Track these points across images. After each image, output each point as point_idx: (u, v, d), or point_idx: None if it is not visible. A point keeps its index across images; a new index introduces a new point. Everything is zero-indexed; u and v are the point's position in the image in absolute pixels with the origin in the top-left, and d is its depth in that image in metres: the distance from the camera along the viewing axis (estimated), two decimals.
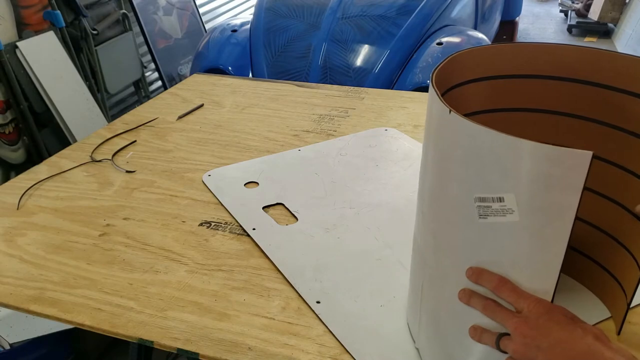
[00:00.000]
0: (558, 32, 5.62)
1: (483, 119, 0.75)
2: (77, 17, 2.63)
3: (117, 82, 2.92)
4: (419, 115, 1.41)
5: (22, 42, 2.33)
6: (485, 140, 0.53)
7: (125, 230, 0.97)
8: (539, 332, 0.53)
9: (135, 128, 1.38)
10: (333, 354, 0.71)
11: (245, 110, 1.48)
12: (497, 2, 3.72)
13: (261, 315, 0.77)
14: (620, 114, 0.70)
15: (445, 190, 0.59)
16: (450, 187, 0.58)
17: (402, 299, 0.79)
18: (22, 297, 0.82)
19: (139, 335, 0.75)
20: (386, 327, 0.74)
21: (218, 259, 0.89)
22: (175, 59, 3.24)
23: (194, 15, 3.51)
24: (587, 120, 0.74)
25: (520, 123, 0.77)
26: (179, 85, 1.68)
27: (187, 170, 1.17)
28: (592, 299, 0.78)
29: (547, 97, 0.75)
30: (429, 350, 0.68)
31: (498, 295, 0.57)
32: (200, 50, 2.70)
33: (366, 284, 0.82)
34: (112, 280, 0.85)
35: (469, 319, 0.60)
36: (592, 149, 0.49)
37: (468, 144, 0.55)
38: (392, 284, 0.82)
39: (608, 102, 0.71)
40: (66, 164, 1.21)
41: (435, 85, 0.61)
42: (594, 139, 0.73)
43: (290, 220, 0.99)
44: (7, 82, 2.26)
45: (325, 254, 0.90)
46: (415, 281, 0.70)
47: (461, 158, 0.56)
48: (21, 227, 1.00)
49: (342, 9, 2.56)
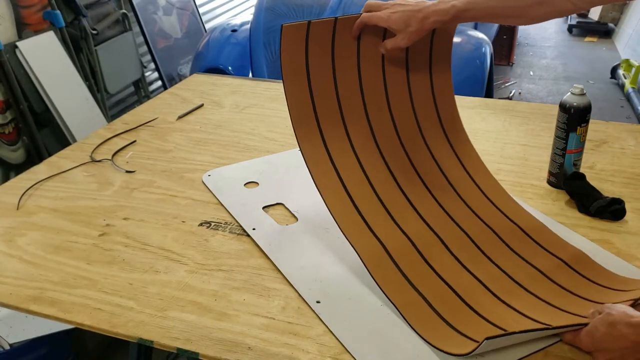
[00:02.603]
0: (558, 32, 5.62)
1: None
2: (77, 17, 2.63)
3: (117, 82, 2.92)
4: None
5: (22, 42, 2.33)
6: None
7: (125, 230, 0.97)
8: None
9: (135, 128, 1.38)
10: (333, 353, 0.71)
11: (245, 110, 1.48)
12: None
13: (261, 315, 0.77)
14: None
15: None
16: None
17: None
18: (22, 297, 0.82)
19: (138, 335, 0.74)
20: (386, 327, 0.74)
21: (218, 259, 0.89)
22: (175, 59, 3.24)
23: (193, 15, 3.51)
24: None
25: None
26: (179, 85, 1.68)
27: (187, 170, 1.17)
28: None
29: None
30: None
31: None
32: (200, 50, 2.70)
33: (366, 284, 0.82)
34: (111, 280, 0.85)
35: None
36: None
37: None
38: None
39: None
40: (66, 164, 1.21)
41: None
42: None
43: (290, 220, 0.99)
44: (7, 82, 2.26)
45: (325, 254, 0.89)
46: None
47: None
48: (21, 227, 0.99)
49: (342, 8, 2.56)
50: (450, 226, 0.91)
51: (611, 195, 0.98)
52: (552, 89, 4.11)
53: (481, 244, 0.88)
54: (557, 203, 1.02)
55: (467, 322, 0.74)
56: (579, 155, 1.04)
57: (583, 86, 1.01)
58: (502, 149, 1.23)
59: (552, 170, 1.07)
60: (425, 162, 0.98)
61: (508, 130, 1.32)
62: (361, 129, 0.95)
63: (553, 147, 1.05)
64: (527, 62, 4.73)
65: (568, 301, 0.78)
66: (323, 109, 0.93)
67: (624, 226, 0.95)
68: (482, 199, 0.97)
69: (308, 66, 0.91)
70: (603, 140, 1.25)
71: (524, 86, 4.17)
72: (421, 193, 0.94)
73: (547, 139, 1.20)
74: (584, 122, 1.01)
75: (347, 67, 0.94)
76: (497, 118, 1.38)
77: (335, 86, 0.94)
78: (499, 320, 0.74)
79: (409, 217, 0.90)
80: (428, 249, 0.86)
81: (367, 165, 0.93)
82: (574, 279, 0.82)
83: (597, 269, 0.84)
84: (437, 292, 0.79)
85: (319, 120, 0.92)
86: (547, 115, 1.37)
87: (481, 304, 0.77)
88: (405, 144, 0.98)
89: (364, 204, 0.88)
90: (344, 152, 0.92)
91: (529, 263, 0.85)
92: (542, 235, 0.91)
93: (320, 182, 0.88)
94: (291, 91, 0.91)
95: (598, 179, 1.08)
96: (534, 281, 0.82)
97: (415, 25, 0.88)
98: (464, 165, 1.00)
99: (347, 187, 0.89)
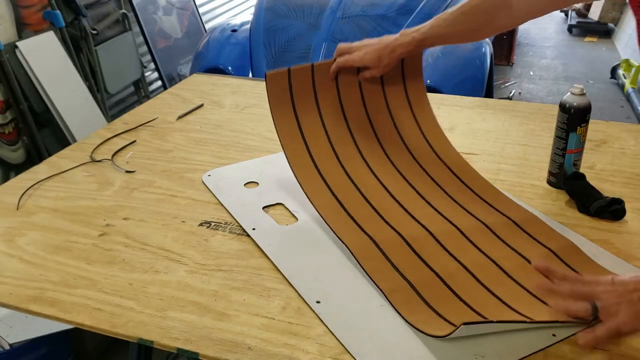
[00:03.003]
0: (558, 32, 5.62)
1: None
2: (77, 17, 2.63)
3: (117, 82, 2.92)
4: None
5: (21, 42, 2.33)
6: None
7: (125, 230, 0.97)
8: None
9: (135, 128, 1.38)
10: (333, 353, 0.71)
11: (245, 110, 1.48)
12: None
13: (261, 315, 0.77)
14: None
15: None
16: None
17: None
18: (22, 297, 0.82)
19: (138, 335, 0.74)
20: (386, 327, 0.74)
21: (218, 259, 0.89)
22: (175, 59, 3.24)
23: (193, 15, 3.51)
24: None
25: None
26: (179, 85, 1.68)
27: (187, 170, 1.17)
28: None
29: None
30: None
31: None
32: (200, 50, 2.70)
33: (366, 284, 0.82)
34: (111, 280, 0.85)
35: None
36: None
37: None
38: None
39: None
40: (66, 164, 1.21)
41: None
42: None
43: (290, 220, 0.99)
44: (7, 82, 2.26)
45: (325, 254, 0.89)
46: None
47: None
48: (21, 227, 0.99)
49: (342, 8, 2.56)
50: (440, 220, 0.94)
51: (611, 195, 0.98)
52: (552, 89, 4.11)
53: (470, 235, 0.91)
54: (557, 203, 1.02)
55: (448, 306, 0.76)
56: (579, 155, 1.04)
57: (583, 86, 1.01)
58: (502, 149, 1.23)
59: (552, 170, 1.07)
60: (413, 165, 1.06)
61: (508, 130, 1.32)
62: (345, 138, 1.07)
63: (553, 147, 1.05)
64: (527, 62, 4.73)
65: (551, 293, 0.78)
66: (310, 131, 1.05)
67: (624, 226, 0.95)
68: (472, 195, 1.01)
69: (293, 100, 1.05)
70: (603, 140, 1.25)
71: (524, 86, 4.17)
72: (410, 194, 1.00)
73: (547, 139, 1.20)
74: (584, 122, 1.01)
75: (327, 89, 1.08)
76: (497, 118, 1.38)
77: (319, 109, 1.07)
78: (480, 307, 0.75)
79: (398, 216, 0.94)
80: (416, 240, 0.89)
81: (353, 172, 1.02)
82: (561, 269, 0.83)
83: (585, 261, 0.85)
84: (423, 277, 0.81)
85: (306, 141, 1.04)
86: (547, 115, 1.37)
87: (464, 289, 0.79)
88: (387, 149, 1.08)
89: (352, 205, 0.95)
90: (329, 158, 1.03)
91: (517, 252, 0.87)
92: (532, 225, 0.93)
93: (308, 187, 0.98)
94: (281, 124, 1.03)
95: (598, 179, 1.08)
96: (520, 270, 0.83)
97: (386, 59, 1.05)
98: (450, 167, 1.07)
99: (335, 192, 0.97)
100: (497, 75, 4.23)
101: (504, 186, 1.07)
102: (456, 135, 1.29)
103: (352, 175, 1.02)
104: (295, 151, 1.01)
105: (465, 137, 1.28)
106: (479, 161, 1.17)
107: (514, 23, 1.03)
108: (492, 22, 1.01)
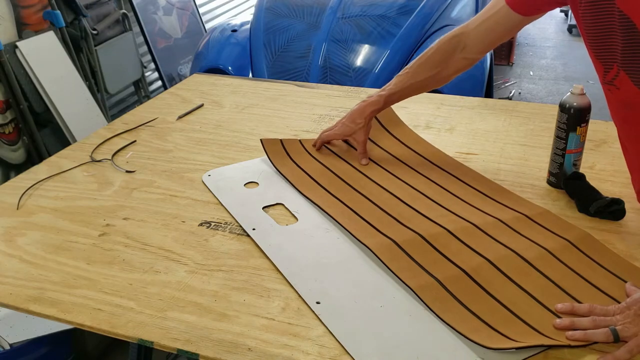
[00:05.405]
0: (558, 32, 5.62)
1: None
2: (77, 17, 2.63)
3: (117, 82, 2.92)
4: (419, 115, 1.41)
5: (22, 42, 2.33)
6: None
7: (125, 230, 0.97)
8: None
9: (135, 128, 1.38)
10: (333, 354, 0.71)
11: (245, 110, 1.48)
12: None
13: (261, 316, 0.77)
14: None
15: None
16: None
17: (401, 299, 0.79)
18: (22, 297, 0.82)
19: (138, 335, 0.74)
20: (386, 327, 0.74)
21: (218, 259, 0.89)
22: (175, 59, 3.24)
23: (194, 15, 3.51)
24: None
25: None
26: (179, 85, 1.68)
27: (187, 170, 1.17)
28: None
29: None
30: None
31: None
32: (200, 50, 2.70)
33: (366, 285, 0.82)
34: (111, 281, 0.85)
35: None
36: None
37: None
38: (392, 284, 0.82)
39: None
40: (66, 163, 1.21)
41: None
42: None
43: (290, 220, 0.99)
44: (7, 82, 2.26)
45: (325, 254, 0.89)
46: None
47: None
48: (21, 227, 0.99)
49: (342, 8, 2.55)
50: (455, 219, 0.96)
51: (611, 196, 0.98)
52: (552, 89, 4.11)
53: (487, 230, 0.93)
54: (557, 203, 1.02)
55: (480, 303, 0.77)
56: (579, 155, 1.04)
57: (583, 86, 1.01)
58: (502, 149, 1.23)
59: (552, 170, 1.07)
60: (416, 176, 1.11)
61: (508, 130, 1.32)
62: (346, 169, 1.15)
63: (553, 147, 1.05)
64: (527, 62, 4.72)
65: (575, 284, 0.81)
66: (311, 168, 1.15)
67: (624, 226, 0.95)
68: (481, 196, 1.03)
69: (289, 155, 1.19)
70: (603, 140, 1.25)
71: (524, 86, 4.17)
72: (420, 199, 1.03)
73: (547, 139, 1.20)
74: (583, 122, 1.01)
75: (317, 151, 1.21)
76: (497, 118, 1.38)
77: (314, 158, 1.19)
78: (510, 304, 0.77)
79: (413, 218, 0.97)
80: (436, 238, 0.90)
81: (361, 188, 1.07)
82: (580, 260, 0.85)
83: (601, 249, 0.88)
84: (449, 274, 0.82)
85: (311, 175, 1.13)
86: (547, 115, 1.37)
87: (492, 284, 0.80)
88: (387, 168, 1.15)
89: (367, 212, 0.99)
90: (336, 183, 1.11)
91: (536, 244, 0.89)
92: (546, 219, 0.95)
93: (320, 200, 1.04)
94: (284, 168, 1.15)
95: (598, 179, 1.08)
96: (543, 261, 0.85)
97: (361, 120, 1.15)
98: (451, 172, 1.12)
99: (348, 204, 1.02)
100: (497, 75, 4.23)
101: (504, 186, 1.07)
102: (456, 135, 1.29)
103: (361, 191, 1.06)
104: (304, 185, 1.09)
105: (465, 137, 1.29)
106: (479, 161, 1.17)
107: (473, 60, 1.09)
108: (450, 65, 1.08)
